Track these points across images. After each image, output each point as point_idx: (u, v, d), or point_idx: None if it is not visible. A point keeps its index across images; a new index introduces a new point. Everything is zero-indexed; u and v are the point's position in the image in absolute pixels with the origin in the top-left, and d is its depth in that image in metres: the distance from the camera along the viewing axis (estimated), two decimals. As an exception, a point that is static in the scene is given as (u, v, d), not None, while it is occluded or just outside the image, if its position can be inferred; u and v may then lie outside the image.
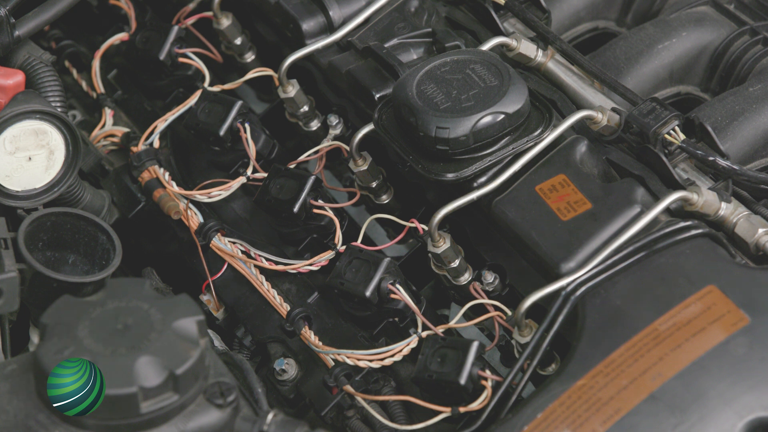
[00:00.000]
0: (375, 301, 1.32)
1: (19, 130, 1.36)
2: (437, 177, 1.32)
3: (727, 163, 1.30)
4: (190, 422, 1.05)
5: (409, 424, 1.26)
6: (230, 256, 1.44)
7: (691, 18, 1.50)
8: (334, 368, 1.31)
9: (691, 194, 1.27)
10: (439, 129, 1.30)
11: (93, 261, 1.32)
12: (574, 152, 1.32)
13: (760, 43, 1.47)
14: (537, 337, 1.22)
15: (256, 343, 1.44)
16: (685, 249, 1.24)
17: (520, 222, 1.28)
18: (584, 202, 1.27)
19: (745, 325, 1.17)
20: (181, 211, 1.47)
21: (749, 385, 1.13)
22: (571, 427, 1.13)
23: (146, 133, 1.53)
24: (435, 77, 1.35)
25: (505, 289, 1.34)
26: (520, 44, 1.43)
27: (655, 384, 1.13)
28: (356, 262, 1.34)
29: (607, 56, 1.47)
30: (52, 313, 1.07)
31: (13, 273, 1.21)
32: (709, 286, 1.19)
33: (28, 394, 1.06)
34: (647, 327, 1.17)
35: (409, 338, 1.31)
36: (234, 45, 1.62)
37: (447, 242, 1.32)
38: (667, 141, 1.31)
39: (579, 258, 1.24)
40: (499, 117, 1.31)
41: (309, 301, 1.41)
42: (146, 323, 1.05)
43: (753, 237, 1.26)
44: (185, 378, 1.04)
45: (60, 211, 1.32)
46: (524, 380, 1.21)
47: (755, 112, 1.38)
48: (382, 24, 1.50)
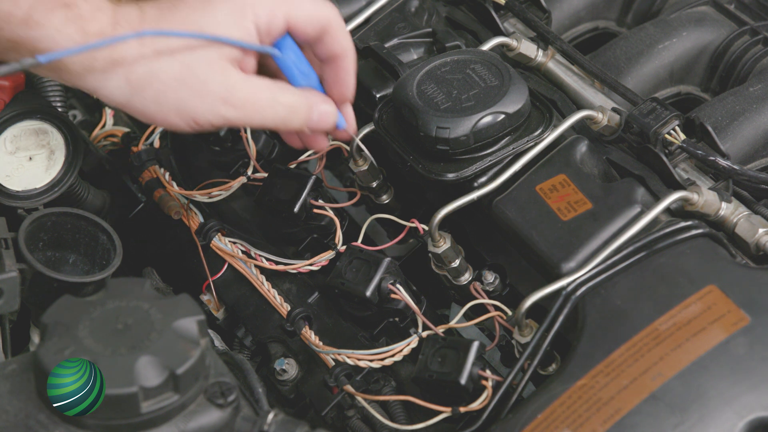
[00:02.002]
0: (375, 301, 1.32)
1: (20, 130, 1.36)
2: (437, 177, 1.32)
3: (727, 163, 1.30)
4: (191, 422, 1.05)
5: (410, 424, 1.26)
6: (230, 256, 1.44)
7: (691, 18, 1.50)
8: (334, 368, 1.31)
9: (692, 194, 1.27)
10: (439, 129, 1.30)
11: (93, 261, 1.32)
12: (574, 152, 1.32)
13: (761, 43, 1.47)
14: (537, 337, 1.22)
15: (257, 343, 1.44)
16: (686, 249, 1.24)
17: (520, 222, 1.28)
18: (584, 202, 1.27)
19: (746, 325, 1.17)
20: (181, 211, 1.47)
21: (749, 385, 1.13)
22: (571, 427, 1.13)
23: (146, 133, 1.53)
24: (435, 77, 1.35)
25: (506, 289, 1.34)
26: (520, 44, 1.43)
27: (656, 384, 1.13)
28: (356, 262, 1.34)
29: (608, 56, 1.47)
30: (52, 312, 1.07)
31: (14, 273, 1.20)
32: (710, 285, 1.20)
33: (28, 394, 1.06)
34: (648, 327, 1.17)
35: (409, 338, 1.31)
36: (234, 45, 1.62)
37: (447, 242, 1.32)
38: (668, 141, 1.31)
39: (579, 258, 1.24)
40: (500, 117, 1.31)
41: (309, 301, 1.41)
42: (147, 323, 1.05)
43: (753, 237, 1.26)
44: (186, 378, 1.04)
45: (60, 211, 1.31)
46: (524, 380, 1.21)
47: (755, 112, 1.38)
48: (383, 24, 1.50)
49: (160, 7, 1.19)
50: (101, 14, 1.16)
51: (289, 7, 1.21)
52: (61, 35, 1.14)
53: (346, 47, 1.25)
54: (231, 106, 1.19)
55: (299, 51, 1.25)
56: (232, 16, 1.19)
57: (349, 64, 1.26)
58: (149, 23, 1.17)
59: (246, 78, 1.20)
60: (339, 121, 1.28)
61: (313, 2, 1.23)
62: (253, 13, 1.19)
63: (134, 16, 1.18)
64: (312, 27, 1.23)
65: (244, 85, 1.20)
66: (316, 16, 1.22)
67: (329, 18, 1.23)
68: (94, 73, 1.16)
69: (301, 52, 1.25)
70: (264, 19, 1.20)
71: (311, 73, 1.26)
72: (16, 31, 1.14)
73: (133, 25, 1.17)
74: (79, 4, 1.15)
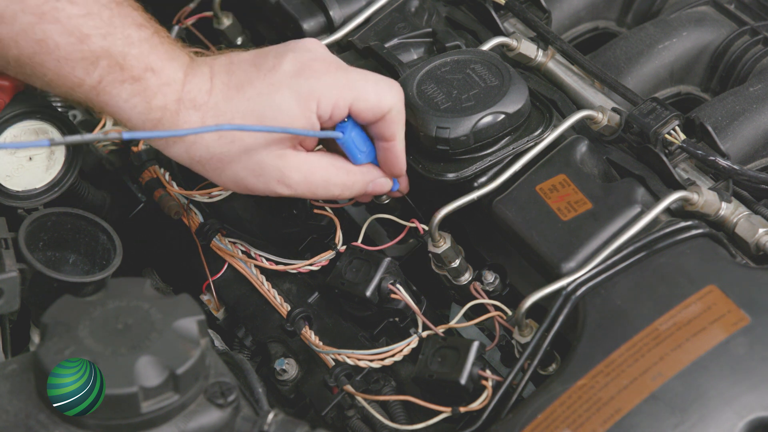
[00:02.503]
0: (375, 301, 1.32)
1: (20, 130, 1.36)
2: (437, 177, 1.32)
3: (727, 163, 1.30)
4: (191, 422, 1.05)
5: (410, 424, 1.26)
6: (230, 256, 1.44)
7: (691, 18, 1.50)
8: (334, 368, 1.31)
9: (692, 194, 1.27)
10: (439, 129, 1.30)
11: (93, 261, 1.32)
12: (574, 152, 1.32)
13: (761, 43, 1.47)
14: (537, 337, 1.22)
15: (257, 343, 1.44)
16: (686, 249, 1.24)
17: (520, 222, 1.28)
18: (584, 202, 1.27)
19: (746, 325, 1.16)
20: (181, 211, 1.47)
21: (749, 385, 1.13)
22: (571, 427, 1.13)
23: (147, 133, 1.53)
24: (435, 77, 1.35)
25: (506, 289, 1.34)
26: (520, 44, 1.43)
27: (656, 384, 1.13)
28: (356, 262, 1.34)
29: (608, 56, 1.47)
30: (52, 312, 1.06)
31: (14, 273, 1.20)
32: (710, 285, 1.19)
33: (28, 394, 1.06)
34: (648, 327, 1.17)
35: (409, 338, 1.31)
36: (234, 45, 1.62)
37: (447, 242, 1.32)
38: (668, 141, 1.31)
39: (579, 258, 1.24)
40: (500, 117, 1.31)
41: (309, 301, 1.41)
42: (147, 323, 1.05)
43: (753, 237, 1.26)
44: (186, 378, 1.03)
45: (60, 210, 1.31)
46: (524, 380, 1.21)
47: (755, 112, 1.38)
48: (383, 24, 1.50)
49: (228, 85, 1.24)
50: (168, 89, 1.22)
51: (355, 96, 1.25)
52: (127, 105, 1.22)
53: (395, 134, 1.29)
54: (285, 186, 1.27)
55: (359, 129, 1.29)
56: (297, 105, 1.23)
57: (398, 148, 1.30)
58: (212, 106, 1.23)
59: (302, 160, 1.26)
60: (393, 186, 1.34)
61: (377, 92, 1.26)
62: (317, 103, 1.24)
63: (201, 93, 1.24)
64: (372, 114, 1.27)
65: (299, 168, 1.26)
66: (378, 107, 1.26)
67: (390, 108, 1.27)
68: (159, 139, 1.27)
69: (361, 129, 1.29)
70: (328, 108, 1.24)
71: (371, 150, 1.30)
72: (87, 95, 1.23)
73: (196, 102, 1.23)
74: (147, 78, 1.21)
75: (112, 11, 1.21)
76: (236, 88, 1.25)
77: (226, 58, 1.28)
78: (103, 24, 1.20)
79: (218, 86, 1.25)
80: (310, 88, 1.24)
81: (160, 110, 1.23)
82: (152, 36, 1.24)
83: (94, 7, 1.20)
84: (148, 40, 1.23)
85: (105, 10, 1.21)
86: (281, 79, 1.24)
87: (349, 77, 1.26)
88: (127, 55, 1.21)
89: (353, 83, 1.26)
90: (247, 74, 1.25)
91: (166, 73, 1.23)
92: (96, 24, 1.20)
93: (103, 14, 1.21)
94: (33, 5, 1.18)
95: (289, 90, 1.24)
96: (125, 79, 1.21)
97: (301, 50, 1.27)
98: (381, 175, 1.32)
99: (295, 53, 1.26)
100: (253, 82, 1.25)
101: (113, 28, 1.21)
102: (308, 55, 1.26)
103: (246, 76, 1.25)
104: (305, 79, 1.24)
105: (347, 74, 1.26)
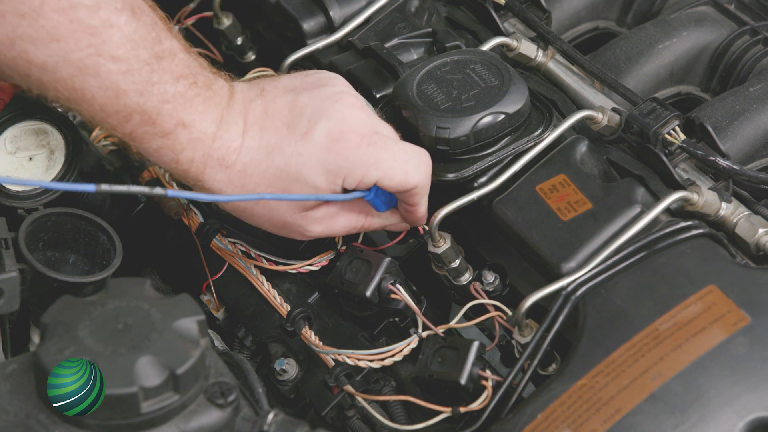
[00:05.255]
0: (375, 301, 1.32)
1: (20, 130, 1.36)
2: (437, 177, 1.32)
3: (727, 163, 1.30)
4: (191, 422, 1.05)
5: (410, 424, 1.26)
6: (230, 256, 1.44)
7: (691, 18, 1.50)
8: (334, 368, 1.31)
9: (692, 194, 1.27)
10: (439, 129, 1.30)
11: (93, 261, 1.32)
12: (574, 152, 1.32)
13: (761, 43, 1.47)
14: (537, 337, 1.22)
15: (257, 343, 1.44)
16: (686, 249, 1.24)
17: (520, 222, 1.28)
18: (584, 202, 1.27)
19: (746, 325, 1.17)
20: (181, 211, 1.47)
21: (749, 385, 1.13)
22: (571, 427, 1.13)
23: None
24: (435, 77, 1.35)
25: (506, 289, 1.34)
26: (520, 44, 1.43)
27: (656, 384, 1.13)
28: (356, 262, 1.34)
29: (607, 56, 1.47)
30: (52, 312, 1.06)
31: (14, 273, 1.20)
32: (710, 286, 1.20)
33: (28, 394, 1.06)
34: (648, 327, 1.17)
35: (409, 338, 1.31)
36: (234, 45, 1.62)
37: (447, 242, 1.32)
38: (668, 141, 1.31)
39: (579, 258, 1.24)
40: (500, 117, 1.31)
41: (309, 301, 1.41)
42: (147, 323, 1.05)
43: (753, 237, 1.26)
44: (186, 378, 1.03)
45: (60, 211, 1.31)
46: (524, 380, 1.21)
47: (755, 112, 1.38)
48: (383, 24, 1.50)
49: (258, 147, 1.27)
50: (198, 143, 1.25)
51: (381, 175, 1.26)
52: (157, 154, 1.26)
53: (418, 203, 1.31)
54: (307, 237, 1.32)
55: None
56: (324, 180, 1.26)
57: (421, 211, 1.32)
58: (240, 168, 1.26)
59: (323, 215, 1.31)
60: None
61: (404, 171, 1.27)
62: (344, 179, 1.26)
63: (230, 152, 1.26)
64: (397, 190, 1.29)
65: (321, 222, 1.31)
66: (404, 185, 1.28)
67: (416, 185, 1.28)
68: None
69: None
70: (353, 184, 1.27)
71: (394, 200, 1.32)
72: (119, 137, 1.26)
73: (224, 162, 1.26)
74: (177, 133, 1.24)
75: (152, 67, 1.21)
76: (266, 151, 1.26)
77: (262, 103, 1.28)
78: (142, 81, 1.21)
79: (248, 145, 1.26)
80: (338, 166, 1.25)
81: (187, 163, 1.26)
82: (188, 88, 1.24)
83: (135, 64, 1.20)
84: (184, 94, 1.23)
85: (145, 66, 1.21)
86: (311, 151, 1.25)
87: (379, 156, 1.26)
88: (161, 111, 1.22)
89: (381, 163, 1.26)
90: (279, 136, 1.26)
91: (197, 127, 1.24)
92: (134, 80, 1.20)
93: (143, 71, 1.21)
94: (76, 59, 1.18)
95: (317, 164, 1.25)
96: (156, 133, 1.23)
97: (336, 118, 1.25)
98: (400, 220, 1.35)
99: (329, 121, 1.25)
100: (283, 149, 1.25)
101: (150, 85, 1.21)
102: (342, 125, 1.25)
103: (277, 138, 1.26)
104: (334, 155, 1.24)
105: (377, 152, 1.26)
